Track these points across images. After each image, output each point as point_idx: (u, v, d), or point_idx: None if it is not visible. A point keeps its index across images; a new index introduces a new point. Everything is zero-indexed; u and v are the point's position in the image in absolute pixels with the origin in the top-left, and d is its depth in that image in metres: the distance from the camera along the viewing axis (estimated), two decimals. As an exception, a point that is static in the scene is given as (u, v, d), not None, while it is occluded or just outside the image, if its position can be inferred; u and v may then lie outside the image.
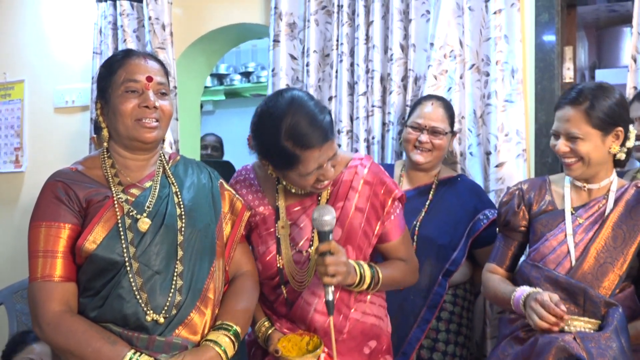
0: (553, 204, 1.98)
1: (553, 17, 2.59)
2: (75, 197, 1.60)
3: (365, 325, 1.87)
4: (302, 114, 1.65)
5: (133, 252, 1.59)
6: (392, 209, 1.86)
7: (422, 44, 2.67)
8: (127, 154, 1.70)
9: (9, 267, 3.54)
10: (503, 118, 2.54)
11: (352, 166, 1.85)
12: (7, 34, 3.70)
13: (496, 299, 2.00)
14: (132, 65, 1.66)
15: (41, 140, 3.59)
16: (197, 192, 1.75)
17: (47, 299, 1.55)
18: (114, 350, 1.51)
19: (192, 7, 3.28)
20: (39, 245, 1.57)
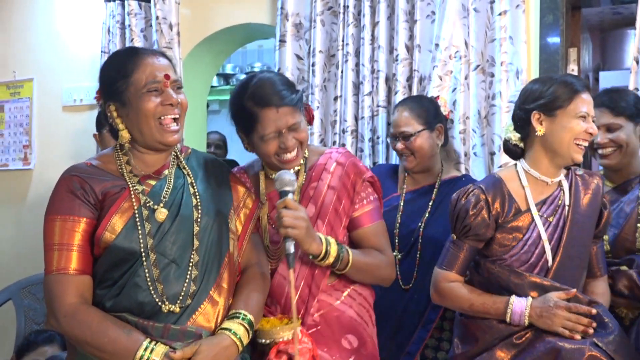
0: (517, 204, 1.91)
1: (558, 19, 2.60)
2: (91, 191, 1.63)
3: (342, 315, 1.86)
4: (265, 81, 1.83)
5: (150, 243, 1.62)
6: (363, 189, 1.90)
7: (427, 45, 2.69)
8: (147, 151, 1.72)
9: (17, 263, 3.57)
10: (507, 119, 2.54)
11: (327, 152, 1.96)
12: (16, 33, 3.73)
13: (472, 309, 1.90)
14: (148, 65, 1.67)
15: (49, 138, 3.63)
16: (210, 183, 1.78)
17: (63, 291, 1.58)
18: (129, 339, 1.54)
19: (199, 7, 3.31)
20: (54, 238, 1.60)
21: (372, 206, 1.91)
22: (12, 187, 3.72)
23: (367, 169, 1.95)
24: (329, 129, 2.88)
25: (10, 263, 3.63)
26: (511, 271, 1.88)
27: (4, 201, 3.75)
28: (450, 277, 1.96)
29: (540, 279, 1.86)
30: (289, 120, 1.81)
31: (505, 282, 1.89)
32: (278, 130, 1.80)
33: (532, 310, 1.80)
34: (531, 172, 1.93)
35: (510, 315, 1.83)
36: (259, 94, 1.81)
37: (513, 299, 1.84)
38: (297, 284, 1.82)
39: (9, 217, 3.72)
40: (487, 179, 2.02)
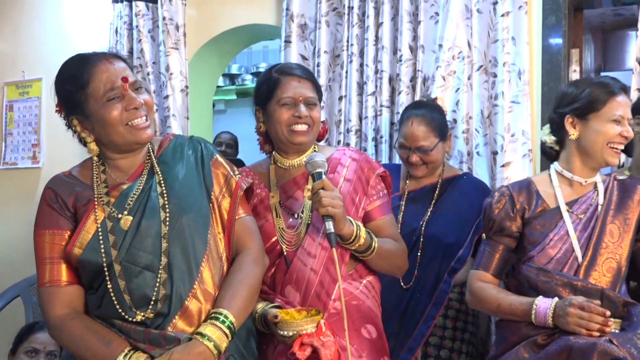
0: (545, 204, 1.95)
1: (560, 20, 2.63)
2: (63, 204, 1.64)
3: (362, 304, 1.86)
4: (292, 63, 1.95)
5: (114, 255, 1.60)
6: (376, 184, 1.94)
7: (431, 46, 2.71)
8: (118, 156, 1.69)
9: (26, 260, 3.60)
10: (509, 119, 2.58)
11: (341, 149, 2.00)
12: (25, 33, 3.77)
13: (499, 310, 1.93)
14: (103, 72, 1.60)
15: (58, 137, 3.65)
16: (185, 174, 1.71)
17: (52, 304, 1.62)
18: (108, 350, 1.56)
19: (205, 8, 3.34)
20: (44, 252, 1.64)
21: (384, 200, 1.95)
22: (21, 186, 3.76)
23: (379, 165, 2.00)
24: (333, 129, 2.91)
25: (20, 260, 3.66)
26: (539, 270, 1.88)
27: (13, 199, 3.79)
28: (481, 276, 1.99)
29: (570, 278, 1.84)
30: (308, 92, 1.89)
31: (533, 281, 1.89)
32: (296, 98, 1.88)
33: (554, 310, 1.80)
34: (564, 172, 1.96)
35: (535, 316, 1.82)
36: (286, 67, 1.95)
37: (538, 299, 1.83)
38: (317, 268, 1.83)
39: (18, 215, 3.76)
40: (518, 180, 2.10)
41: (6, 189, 3.83)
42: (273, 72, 1.93)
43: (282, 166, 1.96)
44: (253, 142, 5.52)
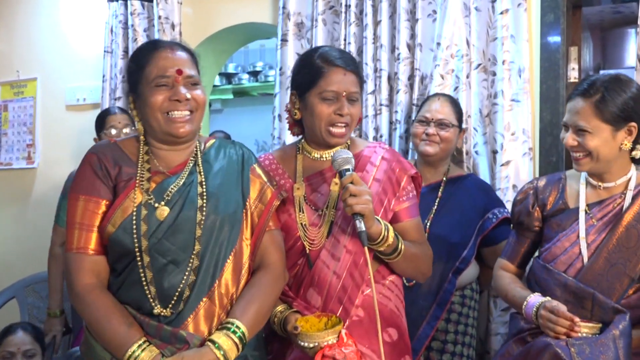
0: (566, 202, 1.93)
1: (559, 18, 2.61)
2: (107, 173, 1.64)
3: (384, 309, 1.80)
4: (337, 49, 1.91)
5: (145, 245, 1.59)
6: (407, 186, 1.85)
7: (429, 44, 2.70)
8: (162, 146, 1.70)
9: (21, 261, 3.59)
10: (509, 117, 2.56)
11: (372, 146, 1.91)
12: (20, 33, 3.75)
13: (507, 299, 2.01)
14: (161, 59, 1.65)
15: (53, 137, 3.65)
16: (224, 177, 1.71)
17: (79, 271, 1.60)
18: (127, 333, 1.54)
19: (201, 7, 3.32)
20: (76, 217, 1.62)
21: (412, 202, 1.87)
22: (16, 186, 3.75)
23: (411, 165, 1.91)
24: (331, 128, 2.88)
25: (15, 261, 3.65)
26: (543, 267, 1.90)
27: (8, 200, 3.77)
28: (504, 265, 2.06)
29: (564, 277, 1.85)
30: (352, 87, 1.79)
31: (538, 277, 1.92)
32: (339, 93, 1.77)
33: (537, 310, 1.82)
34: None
35: (524, 311, 1.86)
36: (331, 54, 1.80)
37: (530, 296, 1.86)
38: (340, 272, 1.76)
39: (13, 215, 3.74)
40: (553, 174, 2.07)
41: (1, 190, 3.81)
42: (316, 59, 1.80)
43: (310, 156, 1.88)
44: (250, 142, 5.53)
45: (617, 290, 1.81)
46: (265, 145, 5.43)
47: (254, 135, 5.46)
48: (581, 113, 1.79)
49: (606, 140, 1.79)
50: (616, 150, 1.81)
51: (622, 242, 1.81)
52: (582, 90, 1.81)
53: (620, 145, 1.80)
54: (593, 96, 1.78)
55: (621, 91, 1.78)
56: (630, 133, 1.80)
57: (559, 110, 2.58)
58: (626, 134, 1.80)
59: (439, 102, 2.44)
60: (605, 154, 1.80)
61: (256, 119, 5.39)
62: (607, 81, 1.80)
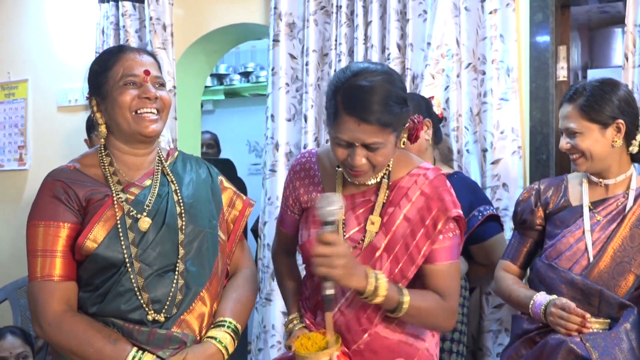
0: (568, 200, 1.98)
1: (547, 17, 2.63)
2: (75, 196, 1.60)
3: (389, 342, 1.67)
4: (365, 87, 1.53)
5: (135, 252, 1.59)
6: (445, 226, 1.64)
7: (420, 44, 2.72)
8: (126, 148, 1.69)
9: (12, 263, 3.58)
10: (499, 116, 2.58)
11: (415, 174, 1.68)
12: (10, 34, 3.74)
13: (510, 300, 2.02)
14: (129, 60, 1.66)
15: (44, 138, 3.64)
16: (196, 188, 1.74)
17: (48, 299, 1.55)
18: (115, 349, 1.52)
19: (192, 8, 3.33)
20: (37, 244, 1.57)
21: (450, 243, 1.65)
22: (7, 188, 3.74)
23: (454, 205, 1.65)
24: (322, 127, 2.90)
25: (7, 263, 3.63)
26: (548, 265, 1.93)
27: (0, 201, 3.76)
28: (506, 266, 2.08)
29: (571, 275, 1.87)
30: (367, 138, 1.54)
31: (542, 276, 1.94)
32: (351, 142, 1.56)
33: (545, 308, 1.85)
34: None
35: (531, 310, 1.88)
36: (349, 96, 1.54)
37: (537, 295, 1.89)
38: (345, 311, 1.65)
39: (5, 217, 3.73)
40: (556, 177, 2.13)
41: (-8, 191, 3.80)
42: (338, 95, 1.56)
43: (348, 177, 1.68)
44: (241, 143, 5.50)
45: (622, 287, 1.85)
46: (257, 145, 5.44)
47: (245, 135, 5.47)
48: (570, 117, 1.91)
49: (596, 139, 1.89)
50: (608, 148, 1.90)
51: (627, 241, 1.86)
52: (569, 97, 1.93)
53: (612, 142, 1.89)
54: (578, 99, 1.90)
55: (604, 92, 1.89)
56: (619, 130, 1.90)
57: (549, 109, 2.60)
58: (615, 131, 1.90)
59: None
60: (598, 152, 1.90)
61: (248, 119, 5.40)
62: (591, 84, 1.92)
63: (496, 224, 2.42)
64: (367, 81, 1.54)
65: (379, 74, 1.57)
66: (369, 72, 1.56)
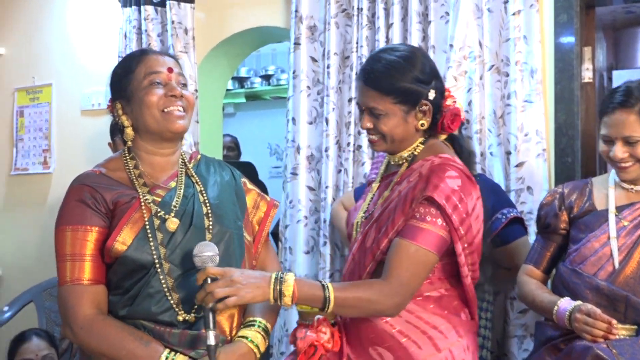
0: (593, 205, 1.95)
1: (572, 18, 2.60)
2: (102, 200, 1.61)
3: (370, 325, 1.69)
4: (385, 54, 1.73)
5: (164, 253, 1.59)
6: (421, 210, 1.62)
7: (442, 46, 2.70)
8: (152, 149, 1.70)
9: (38, 265, 3.62)
10: (523, 118, 2.55)
11: (429, 159, 1.71)
12: (35, 39, 3.79)
13: (533, 306, 2.00)
14: (151, 60, 1.69)
15: (68, 142, 3.67)
16: (221, 190, 1.75)
17: (78, 303, 1.56)
18: (148, 350, 1.52)
19: (214, 11, 3.34)
20: (66, 249, 1.58)
21: (423, 226, 1.61)
22: (32, 191, 3.78)
23: (435, 189, 1.62)
24: (343, 130, 2.89)
25: (32, 265, 3.68)
26: (572, 270, 1.90)
27: (25, 205, 3.80)
28: (529, 271, 2.05)
29: (596, 280, 1.85)
30: (368, 102, 1.69)
31: (566, 281, 1.91)
32: (361, 106, 1.73)
33: (570, 314, 1.82)
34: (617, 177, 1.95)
35: (556, 316, 1.86)
36: (364, 63, 1.78)
37: (561, 301, 1.86)
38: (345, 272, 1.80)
39: (30, 220, 3.77)
40: (579, 180, 2.10)
41: (18, 195, 3.84)
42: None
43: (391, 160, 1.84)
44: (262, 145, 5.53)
45: None
46: (278, 148, 5.45)
47: (266, 138, 5.49)
48: (627, 125, 1.83)
49: None
50: None
51: None
52: (621, 102, 1.84)
53: None
54: (635, 105, 1.82)
55: None
56: None
57: (574, 111, 2.56)
58: None
59: None
60: None
61: (268, 122, 5.42)
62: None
63: (520, 226, 2.39)
64: (383, 53, 1.73)
65: (400, 51, 1.72)
66: (392, 48, 1.76)
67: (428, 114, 1.71)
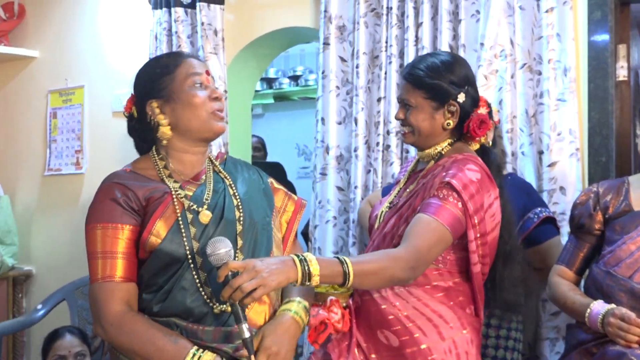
0: (630, 205, 1.90)
1: (606, 15, 2.55)
2: (134, 197, 1.62)
3: (377, 308, 1.77)
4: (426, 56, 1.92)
5: (197, 247, 1.60)
6: (443, 190, 1.71)
7: (472, 45, 2.67)
8: (186, 147, 1.71)
9: (70, 264, 3.68)
10: (555, 117, 2.51)
11: (452, 156, 1.81)
12: (67, 42, 3.85)
13: (565, 308, 1.95)
14: (191, 62, 1.72)
15: (100, 143, 3.73)
16: (249, 186, 1.77)
17: (109, 300, 1.56)
18: (176, 347, 1.53)
19: (243, 12, 3.35)
20: (97, 246, 1.59)
21: (440, 202, 1.70)
22: (65, 191, 3.84)
23: (453, 176, 1.72)
24: (372, 130, 2.88)
25: (65, 264, 3.74)
26: (607, 273, 1.86)
27: (58, 205, 3.87)
28: (561, 272, 2.01)
29: (631, 283, 1.81)
30: (403, 94, 1.87)
31: (600, 284, 1.87)
32: (398, 99, 1.91)
33: (603, 318, 1.78)
34: None
35: (588, 319, 1.82)
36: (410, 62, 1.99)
37: (594, 303, 1.82)
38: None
39: (62, 220, 3.83)
40: (615, 179, 2.04)
41: (51, 195, 3.91)
42: None
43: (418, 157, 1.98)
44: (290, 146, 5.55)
45: None
46: (306, 149, 5.46)
47: (294, 139, 5.50)
48: None
49: None
50: None
51: None
52: None
53: None
54: None
55: None
56: None
57: (608, 110, 2.52)
58: None
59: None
60: None
61: (297, 123, 5.43)
62: None
63: (552, 226, 2.36)
64: (427, 55, 1.91)
65: (442, 55, 1.90)
66: (437, 53, 1.99)
67: (455, 115, 1.82)
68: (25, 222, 3.94)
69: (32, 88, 3.98)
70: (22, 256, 3.93)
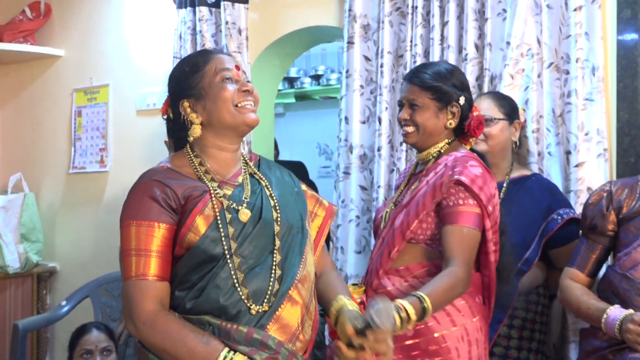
0: None
1: (636, 14, 2.52)
2: (173, 195, 1.60)
3: (390, 296, 1.81)
4: (428, 63, 2.19)
5: (234, 247, 1.60)
6: (451, 192, 1.86)
7: (498, 43, 2.65)
8: (222, 144, 1.71)
9: (94, 261, 3.72)
10: (583, 117, 2.48)
11: (451, 154, 1.98)
12: (92, 41, 3.89)
13: (579, 312, 1.90)
14: (220, 57, 1.72)
15: (124, 141, 3.75)
16: (284, 188, 1.78)
17: (142, 298, 1.55)
18: (208, 348, 1.52)
19: (267, 12, 3.36)
20: (131, 243, 1.57)
21: (459, 209, 1.85)
22: (89, 189, 3.87)
23: (460, 173, 1.87)
24: (396, 130, 2.87)
25: (88, 261, 3.77)
26: (623, 276, 1.82)
27: (82, 202, 3.90)
28: (573, 275, 1.97)
29: None
30: (409, 95, 2.01)
31: (615, 287, 1.82)
32: (402, 101, 2.05)
33: (621, 323, 1.74)
34: None
35: (605, 325, 1.78)
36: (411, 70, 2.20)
37: (611, 308, 1.78)
38: (374, 255, 2.02)
39: (87, 217, 3.87)
40: (628, 177, 1.99)
41: (75, 193, 3.95)
42: None
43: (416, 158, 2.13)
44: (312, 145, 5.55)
45: None
46: (327, 148, 5.46)
47: (316, 138, 5.50)
48: None
49: None
50: None
51: None
52: None
53: None
54: None
55: None
56: None
57: (637, 109, 2.48)
58: None
59: (481, 99, 2.44)
60: None
61: (318, 122, 5.43)
62: None
63: (576, 227, 2.32)
64: (429, 64, 2.12)
65: (443, 64, 2.08)
66: (437, 62, 2.20)
67: (457, 116, 2.00)
68: (50, 219, 3.99)
69: (57, 86, 4.02)
70: (46, 253, 3.97)
